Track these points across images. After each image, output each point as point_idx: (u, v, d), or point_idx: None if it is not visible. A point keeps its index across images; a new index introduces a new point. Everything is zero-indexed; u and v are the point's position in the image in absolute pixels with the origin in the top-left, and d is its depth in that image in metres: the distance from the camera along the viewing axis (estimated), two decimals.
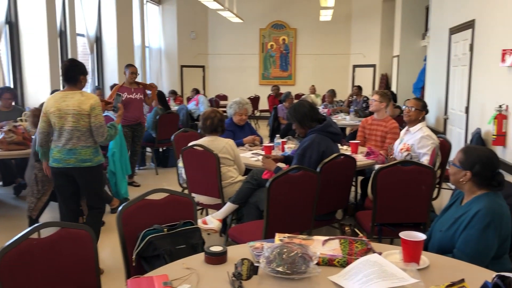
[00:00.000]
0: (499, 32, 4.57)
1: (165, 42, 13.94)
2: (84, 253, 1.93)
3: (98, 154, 3.45)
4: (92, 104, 3.27)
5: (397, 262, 1.79)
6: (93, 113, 3.26)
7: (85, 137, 3.30)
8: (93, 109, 3.27)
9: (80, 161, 3.32)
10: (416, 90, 9.37)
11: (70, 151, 3.29)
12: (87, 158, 3.34)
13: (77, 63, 3.37)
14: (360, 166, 3.91)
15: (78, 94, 3.29)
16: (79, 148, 3.30)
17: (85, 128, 3.28)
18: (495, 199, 2.13)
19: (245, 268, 1.69)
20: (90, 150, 3.35)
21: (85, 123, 3.27)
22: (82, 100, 3.26)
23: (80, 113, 3.24)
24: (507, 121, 4.25)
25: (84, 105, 3.25)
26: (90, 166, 3.36)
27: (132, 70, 5.94)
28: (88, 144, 3.32)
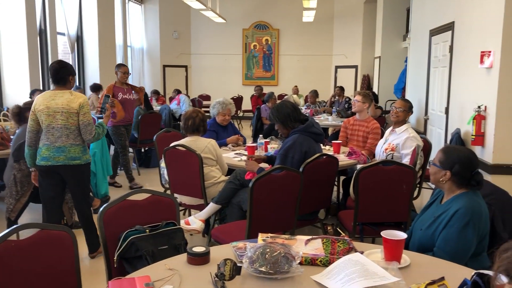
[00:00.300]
0: (477, 34, 4.65)
1: (148, 42, 13.84)
2: (64, 255, 1.90)
3: (87, 152, 3.54)
4: (81, 102, 3.37)
5: (378, 261, 1.81)
6: (81, 112, 3.36)
7: (74, 135, 3.39)
8: (82, 107, 3.37)
9: (69, 159, 3.39)
10: (397, 91, 9.48)
11: (59, 149, 3.36)
12: (76, 156, 3.42)
13: (65, 64, 3.47)
14: (342, 166, 3.94)
15: (68, 94, 3.39)
16: (68, 146, 3.38)
17: (74, 126, 3.38)
18: (474, 198, 2.17)
19: (228, 268, 1.68)
20: (79, 148, 3.43)
21: (74, 121, 3.36)
22: (71, 99, 3.36)
23: (69, 111, 3.33)
24: (486, 121, 4.33)
25: (73, 104, 3.35)
26: (79, 164, 3.44)
27: (124, 70, 5.83)
28: (77, 142, 3.41)
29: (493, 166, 4.17)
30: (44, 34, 8.07)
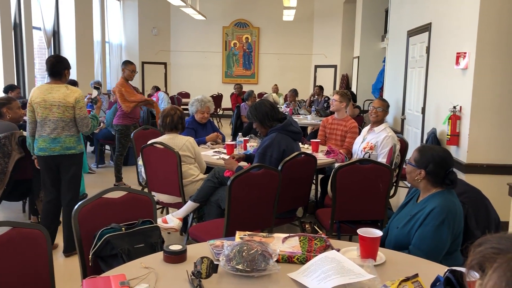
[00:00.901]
0: (453, 35, 4.74)
1: (126, 38, 13.67)
2: (37, 253, 1.86)
3: (81, 142, 3.71)
4: (77, 97, 3.54)
5: (354, 258, 1.82)
6: (77, 106, 3.54)
7: (68, 127, 3.56)
8: (78, 102, 3.54)
9: (65, 149, 3.57)
10: (375, 91, 9.59)
11: (55, 140, 3.54)
12: (71, 146, 3.60)
13: (62, 59, 3.65)
14: (321, 165, 3.96)
15: (64, 88, 3.54)
16: (63, 136, 3.55)
17: (69, 118, 3.55)
18: (449, 197, 2.20)
19: (205, 266, 1.67)
20: (74, 139, 3.61)
21: (70, 114, 3.54)
22: (68, 93, 3.52)
23: (65, 105, 3.50)
24: (461, 121, 4.42)
25: (69, 98, 3.51)
26: (74, 154, 3.62)
27: (132, 68, 5.71)
28: (71, 133, 3.59)
29: (467, 166, 4.25)
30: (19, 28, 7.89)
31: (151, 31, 14.06)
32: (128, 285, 1.61)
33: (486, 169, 4.23)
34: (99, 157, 6.97)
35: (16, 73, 7.96)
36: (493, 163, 4.23)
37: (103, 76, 11.45)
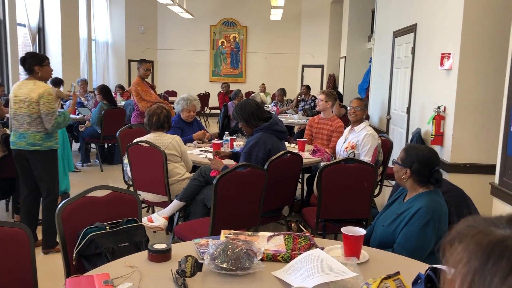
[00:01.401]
0: (438, 36, 4.79)
1: (113, 36, 13.55)
2: (20, 253, 1.84)
3: (50, 140, 3.62)
4: (40, 93, 3.48)
5: (338, 256, 1.84)
6: (41, 101, 3.48)
7: (35, 123, 3.52)
8: (41, 97, 3.48)
9: (29, 145, 3.54)
10: (361, 91, 9.66)
11: (21, 135, 3.53)
12: (36, 143, 3.54)
13: (32, 55, 3.62)
14: (307, 164, 3.98)
15: (31, 83, 3.53)
16: (29, 132, 3.52)
17: (36, 114, 3.50)
18: (436, 197, 2.23)
19: (189, 265, 1.68)
20: (40, 135, 3.54)
21: (35, 110, 3.49)
22: (33, 89, 3.49)
23: (29, 100, 3.48)
24: (445, 122, 4.47)
25: (33, 94, 3.48)
26: (39, 150, 3.56)
27: (147, 67, 5.65)
28: (38, 130, 3.53)
29: (451, 165, 4.31)
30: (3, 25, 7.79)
31: (138, 29, 13.96)
32: (111, 284, 1.60)
33: (470, 168, 4.29)
34: (85, 155, 6.92)
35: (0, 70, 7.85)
36: (476, 162, 4.29)
37: (89, 74, 11.34)
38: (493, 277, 0.52)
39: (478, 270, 0.53)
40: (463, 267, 0.55)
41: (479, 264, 0.54)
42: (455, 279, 0.56)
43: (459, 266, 0.56)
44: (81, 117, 6.89)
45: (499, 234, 0.55)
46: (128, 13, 13.52)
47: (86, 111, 7.00)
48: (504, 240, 0.54)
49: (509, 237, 0.54)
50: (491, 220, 0.59)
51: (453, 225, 1.92)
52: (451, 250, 0.58)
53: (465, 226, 0.60)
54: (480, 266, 0.53)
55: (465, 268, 0.55)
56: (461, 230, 0.60)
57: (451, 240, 0.60)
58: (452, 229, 0.61)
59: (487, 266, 0.53)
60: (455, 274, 0.56)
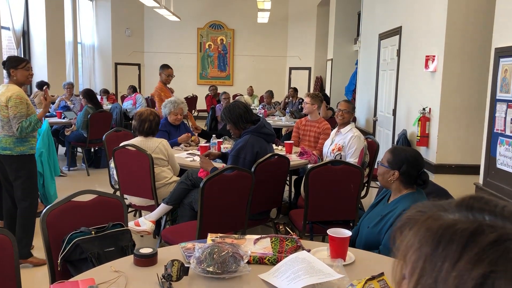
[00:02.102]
0: (423, 39, 4.85)
1: (99, 39, 13.46)
2: (3, 259, 1.82)
3: (22, 145, 3.51)
4: (8, 96, 3.41)
5: (324, 258, 1.85)
6: (9, 105, 3.42)
7: (8, 127, 3.45)
8: (9, 100, 3.42)
9: (1, 149, 3.48)
10: (348, 93, 9.72)
11: None
12: (7, 147, 3.47)
13: (8, 58, 3.57)
14: (294, 166, 3.99)
15: (4, 87, 3.48)
16: (1, 136, 3.46)
17: (6, 118, 3.44)
18: (420, 198, 2.25)
19: (175, 269, 1.67)
20: (12, 139, 3.47)
21: (5, 113, 3.43)
22: (3, 92, 3.44)
23: (0, 104, 3.42)
24: (430, 123, 4.52)
25: (2, 97, 3.42)
26: (10, 155, 3.48)
27: (169, 72, 5.64)
28: (9, 134, 3.46)
29: (436, 166, 4.36)
30: None
31: (124, 32, 13.89)
32: None
33: (455, 169, 4.34)
34: (71, 159, 6.85)
35: None
36: (461, 163, 4.34)
37: (75, 77, 11.25)
38: (444, 262, 0.51)
39: (428, 256, 0.53)
40: (414, 253, 0.55)
41: (429, 250, 0.53)
42: (406, 266, 0.56)
43: (409, 252, 0.56)
44: (66, 121, 6.83)
45: (449, 219, 0.55)
46: (114, 16, 13.45)
47: (71, 115, 6.94)
48: (454, 225, 0.53)
49: (458, 221, 0.54)
50: (440, 205, 0.59)
51: None
52: (402, 237, 0.58)
53: (415, 212, 0.59)
54: (431, 251, 0.53)
55: (416, 254, 0.54)
56: (411, 216, 0.59)
57: (401, 226, 0.60)
58: (403, 216, 0.61)
59: (437, 251, 0.52)
60: (406, 260, 0.56)
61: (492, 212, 0.55)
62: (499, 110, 3.20)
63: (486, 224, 0.53)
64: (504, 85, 3.18)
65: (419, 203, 0.62)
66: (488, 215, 0.54)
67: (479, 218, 0.54)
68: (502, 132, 3.17)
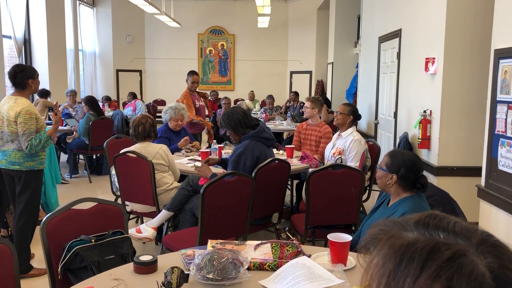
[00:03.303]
0: (422, 41, 4.84)
1: (100, 46, 13.52)
2: (3, 270, 1.82)
3: (31, 160, 3.43)
4: (18, 112, 3.30)
5: (325, 263, 1.84)
6: (18, 121, 3.31)
7: (17, 141, 3.36)
8: (18, 116, 3.30)
9: (10, 163, 3.40)
10: (349, 96, 9.71)
11: (3, 153, 3.40)
12: (16, 161, 3.39)
13: (23, 68, 3.42)
14: (295, 170, 3.99)
15: (13, 100, 3.36)
16: (10, 150, 3.38)
17: (15, 134, 3.34)
18: (419, 201, 2.24)
19: (175, 276, 1.67)
20: (20, 154, 3.38)
21: (13, 129, 3.33)
22: (12, 106, 3.32)
23: (8, 119, 3.32)
24: (431, 125, 4.51)
25: (11, 112, 3.31)
26: (19, 170, 3.40)
27: (194, 79, 5.68)
28: (18, 148, 3.37)
29: (438, 168, 4.34)
30: None
31: (125, 38, 13.94)
32: None
33: (456, 171, 4.32)
34: (73, 167, 6.86)
35: None
36: (463, 165, 4.33)
37: (77, 84, 11.29)
38: (406, 278, 0.56)
39: (392, 272, 0.58)
40: (379, 270, 0.59)
41: (393, 267, 0.58)
42: (372, 282, 0.61)
43: (375, 269, 0.60)
44: (68, 128, 6.85)
45: (409, 237, 0.60)
46: (115, 23, 13.50)
47: (73, 122, 6.96)
48: (414, 243, 0.58)
49: (417, 239, 0.59)
50: (400, 223, 0.64)
51: None
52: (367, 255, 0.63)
53: (378, 230, 0.64)
54: (394, 268, 0.58)
55: (381, 271, 0.59)
56: (375, 234, 0.64)
57: (366, 245, 0.64)
58: (366, 234, 0.65)
59: (400, 268, 0.57)
60: (372, 277, 0.61)
61: (446, 229, 0.60)
62: (499, 112, 3.19)
63: (441, 242, 0.58)
64: (504, 86, 3.17)
65: (380, 221, 0.66)
66: (442, 232, 0.60)
67: (435, 235, 0.60)
68: (503, 133, 3.16)
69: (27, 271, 3.48)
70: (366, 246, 0.64)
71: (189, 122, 5.57)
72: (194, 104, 5.64)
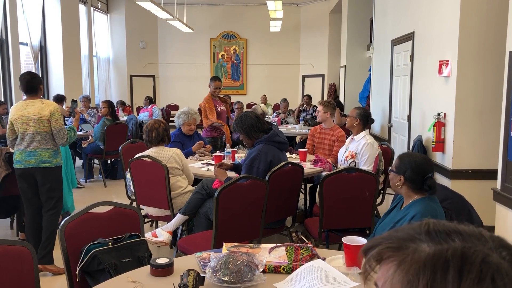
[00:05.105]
0: (436, 44, 4.82)
1: (114, 52, 13.68)
2: (23, 271, 1.85)
3: (58, 156, 3.70)
4: (51, 110, 3.58)
5: (340, 266, 1.85)
6: (53, 118, 3.57)
7: (45, 140, 3.59)
8: (53, 114, 3.58)
9: (40, 162, 3.59)
10: (362, 99, 9.68)
11: (30, 153, 3.58)
12: (46, 159, 3.61)
13: (35, 75, 3.72)
14: (308, 174, 3.99)
15: (38, 102, 3.60)
16: (39, 150, 3.58)
17: (45, 132, 3.58)
18: (431, 204, 2.23)
19: (191, 279, 1.69)
20: (50, 152, 3.63)
21: (45, 127, 3.57)
22: (42, 107, 3.58)
23: (40, 118, 3.54)
24: (445, 128, 4.48)
25: (44, 112, 3.56)
26: (49, 167, 3.62)
27: (216, 85, 5.83)
28: (48, 147, 3.61)
29: (452, 172, 4.31)
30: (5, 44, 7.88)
31: (138, 44, 14.09)
32: None
33: (471, 174, 4.28)
34: (88, 171, 6.95)
35: (3, 88, 7.93)
36: (478, 168, 4.28)
37: (91, 90, 11.44)
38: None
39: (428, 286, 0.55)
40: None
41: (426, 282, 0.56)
42: None
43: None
44: (84, 133, 6.94)
45: (428, 248, 0.58)
46: (129, 29, 13.66)
47: (88, 127, 7.05)
48: (440, 253, 0.57)
49: (441, 248, 0.57)
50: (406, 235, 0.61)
51: None
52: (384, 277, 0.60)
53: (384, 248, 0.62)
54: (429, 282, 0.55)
55: None
56: (381, 252, 0.62)
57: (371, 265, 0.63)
58: (370, 254, 0.63)
59: (435, 282, 0.55)
60: None
61: (458, 232, 0.60)
62: None
63: (467, 246, 0.57)
64: None
65: (378, 237, 0.64)
66: (456, 236, 0.59)
67: (451, 240, 0.59)
68: None
69: (48, 262, 3.62)
70: (371, 267, 0.62)
71: (210, 126, 5.62)
72: (216, 108, 5.71)
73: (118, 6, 13.54)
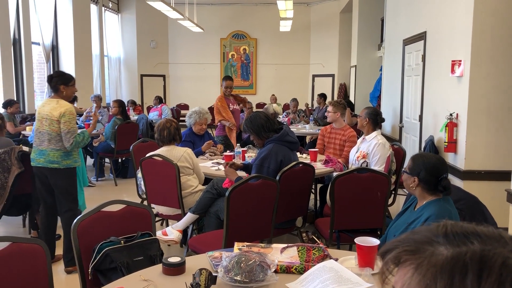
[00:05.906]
0: (448, 43, 4.78)
1: (125, 51, 13.76)
2: (37, 269, 1.87)
3: (69, 158, 3.63)
4: (62, 112, 3.52)
5: (352, 267, 1.84)
6: (62, 120, 3.52)
7: (55, 141, 3.55)
8: (63, 116, 3.52)
9: (48, 162, 3.56)
10: (373, 99, 9.63)
11: (41, 152, 3.57)
12: (55, 160, 3.56)
13: (58, 74, 3.69)
14: (319, 174, 3.98)
15: (54, 102, 3.58)
16: (49, 150, 3.55)
17: (56, 133, 3.54)
18: (445, 205, 2.21)
19: (203, 278, 1.69)
20: (59, 153, 3.57)
21: (56, 128, 3.53)
22: (55, 107, 3.54)
23: (51, 118, 3.52)
24: (457, 128, 4.44)
25: (55, 112, 3.52)
26: (57, 168, 3.58)
27: (227, 84, 5.89)
28: (57, 148, 3.56)
29: (465, 172, 4.27)
30: (18, 43, 7.96)
31: (149, 44, 14.15)
32: None
33: (484, 175, 4.24)
34: (99, 170, 6.99)
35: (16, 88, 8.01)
36: (491, 169, 4.24)
37: (102, 89, 11.52)
38: None
39: None
40: None
41: (444, 285, 0.55)
42: None
43: None
44: (94, 132, 6.98)
45: (446, 251, 0.57)
46: (139, 29, 13.73)
47: (99, 126, 7.09)
48: (459, 256, 0.56)
49: (459, 251, 0.56)
50: (425, 237, 0.60)
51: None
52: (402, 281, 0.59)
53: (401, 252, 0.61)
54: (447, 286, 0.55)
55: None
56: (399, 255, 0.61)
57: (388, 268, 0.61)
58: (387, 257, 0.62)
59: (454, 285, 0.54)
60: None
61: (476, 234, 0.58)
62: None
63: (486, 249, 0.56)
64: None
65: (395, 240, 0.63)
66: (474, 238, 0.58)
67: (469, 243, 0.57)
68: None
69: (74, 264, 3.56)
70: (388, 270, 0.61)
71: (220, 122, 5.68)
72: (229, 107, 5.76)
73: (129, 6, 13.61)
